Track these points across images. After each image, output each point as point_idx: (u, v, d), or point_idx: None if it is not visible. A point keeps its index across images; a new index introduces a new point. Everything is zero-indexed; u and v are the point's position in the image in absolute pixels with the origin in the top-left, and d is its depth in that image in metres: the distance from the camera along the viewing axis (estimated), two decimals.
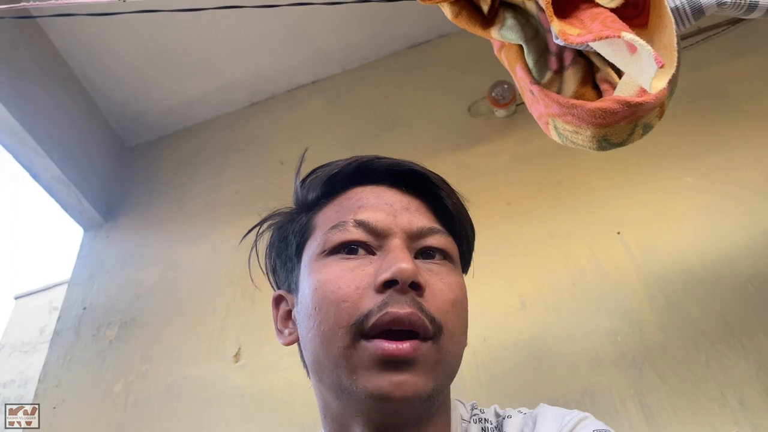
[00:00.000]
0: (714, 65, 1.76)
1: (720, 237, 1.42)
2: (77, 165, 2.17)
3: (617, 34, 0.67)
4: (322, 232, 0.65)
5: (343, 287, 0.58)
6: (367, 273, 0.59)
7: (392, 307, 0.55)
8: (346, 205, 0.66)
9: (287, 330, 0.70)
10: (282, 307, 0.72)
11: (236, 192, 2.14)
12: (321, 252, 0.63)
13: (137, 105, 2.42)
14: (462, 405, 0.69)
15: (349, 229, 0.62)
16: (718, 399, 1.21)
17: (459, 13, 0.98)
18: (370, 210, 0.64)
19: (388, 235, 0.62)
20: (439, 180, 0.70)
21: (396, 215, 0.64)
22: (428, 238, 0.64)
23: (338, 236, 0.62)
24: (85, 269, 2.15)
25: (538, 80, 0.93)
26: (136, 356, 1.80)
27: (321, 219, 0.68)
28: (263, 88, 2.41)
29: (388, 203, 0.65)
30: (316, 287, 0.60)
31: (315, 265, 0.63)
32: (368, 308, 0.56)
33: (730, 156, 1.55)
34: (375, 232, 0.62)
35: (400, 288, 0.56)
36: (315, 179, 0.72)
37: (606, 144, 0.88)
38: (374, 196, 0.67)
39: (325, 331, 0.58)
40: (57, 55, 2.24)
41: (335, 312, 0.57)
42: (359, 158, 0.70)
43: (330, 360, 0.57)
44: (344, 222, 0.63)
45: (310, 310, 0.60)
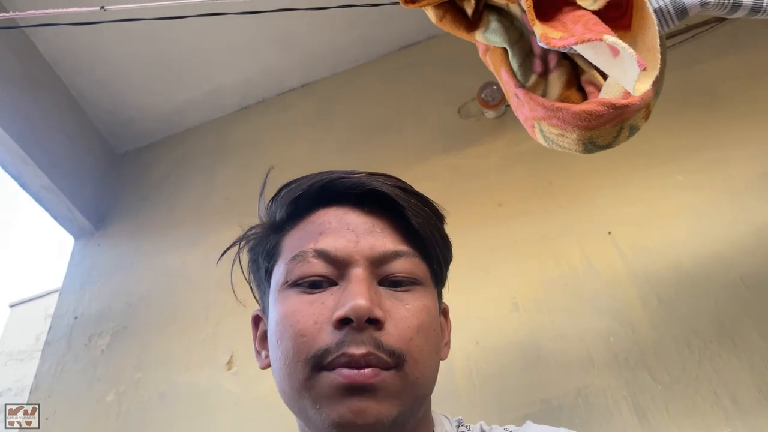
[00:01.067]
0: (702, 63, 1.76)
1: (711, 235, 1.42)
2: (66, 173, 2.16)
3: (599, 38, 0.67)
4: (285, 260, 0.64)
5: (302, 321, 0.58)
6: (327, 306, 0.58)
7: (348, 347, 0.55)
8: (308, 230, 0.65)
9: (264, 352, 0.69)
10: (260, 326, 0.72)
11: (227, 198, 2.13)
12: (284, 282, 0.62)
13: (126, 111, 2.41)
14: (447, 420, 0.69)
15: (309, 260, 0.61)
16: (711, 399, 1.20)
17: (443, 17, 0.98)
18: (330, 236, 0.63)
19: (349, 263, 0.61)
20: (404, 198, 0.66)
21: (358, 240, 0.62)
22: (393, 263, 0.62)
23: (299, 269, 0.61)
24: (76, 278, 2.13)
25: (522, 83, 0.93)
26: (129, 365, 1.79)
27: (286, 244, 0.67)
28: (253, 93, 2.40)
29: (351, 227, 0.64)
30: (278, 320, 0.60)
31: (279, 296, 0.62)
32: (326, 344, 0.56)
33: (721, 154, 1.54)
34: (335, 261, 0.61)
35: (356, 326, 0.55)
36: (280, 200, 0.70)
37: (592, 147, 0.88)
38: (336, 219, 0.65)
39: (287, 363, 0.58)
40: (44, 63, 2.22)
41: (294, 346, 0.57)
42: (323, 178, 0.68)
43: (294, 391, 0.57)
44: (304, 252, 0.62)
45: (274, 342, 0.60)
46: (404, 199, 0.66)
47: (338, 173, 0.68)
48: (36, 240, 4.96)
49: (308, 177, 0.69)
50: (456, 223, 0.78)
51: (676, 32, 1.82)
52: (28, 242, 5.53)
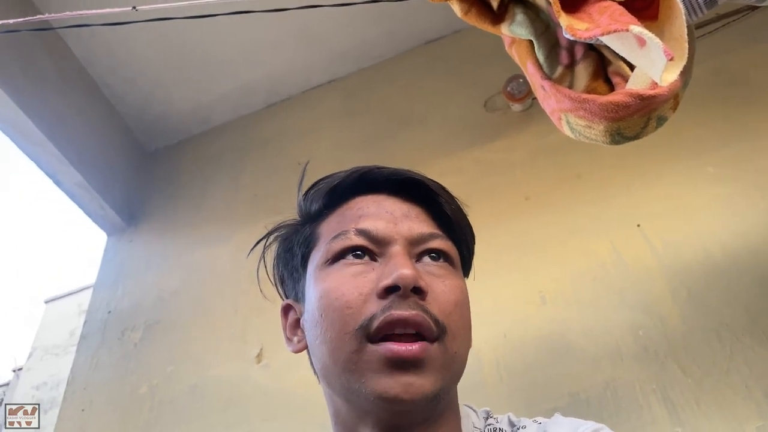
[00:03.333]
0: (734, 52, 1.73)
1: (742, 228, 1.40)
2: (99, 171, 2.21)
3: (626, 28, 0.66)
4: (325, 241, 0.66)
5: (347, 294, 0.59)
6: (370, 279, 0.60)
7: (396, 310, 0.56)
8: (347, 215, 0.67)
9: (296, 338, 0.71)
10: (290, 316, 0.74)
11: (255, 194, 2.15)
12: (325, 261, 0.64)
13: (156, 109, 2.45)
14: (474, 412, 0.69)
15: (350, 237, 0.63)
16: (743, 392, 1.19)
17: (468, 10, 0.98)
18: (370, 219, 0.65)
19: (389, 242, 0.63)
20: (438, 187, 0.71)
21: (396, 223, 0.65)
22: (429, 242, 0.65)
23: (341, 244, 0.63)
24: (109, 274, 2.18)
25: (549, 75, 0.93)
26: (161, 358, 1.83)
27: (324, 229, 0.69)
28: (279, 90, 2.42)
29: (389, 211, 0.66)
30: (321, 295, 0.62)
31: (320, 274, 0.64)
32: (372, 312, 0.57)
33: (753, 145, 1.52)
34: (376, 239, 0.63)
35: (402, 293, 0.57)
36: (317, 191, 0.73)
37: (619, 138, 0.87)
38: (375, 205, 0.68)
39: (332, 337, 0.59)
40: (77, 63, 2.27)
41: (340, 318, 0.59)
42: (359, 169, 0.71)
43: (338, 365, 0.58)
44: (346, 231, 0.64)
45: (316, 318, 0.61)
46: (438, 187, 0.70)
47: (372, 165, 0.71)
48: (69, 237, 5.07)
49: (341, 172, 0.72)
50: (483, 218, 0.79)
51: (707, 21, 1.79)
52: (61, 240, 5.66)
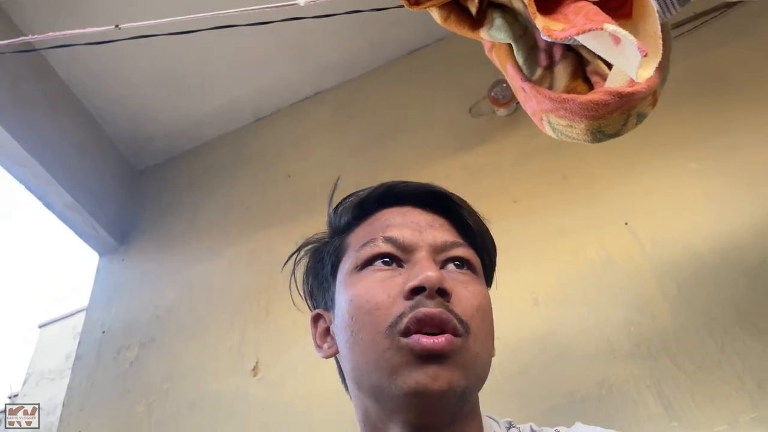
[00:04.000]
0: (714, 50, 1.75)
1: (728, 222, 1.41)
2: (89, 191, 2.21)
3: (600, 27, 0.68)
4: (354, 249, 0.70)
5: (376, 296, 0.63)
6: (397, 283, 0.64)
7: (423, 308, 0.60)
8: (375, 225, 0.72)
9: (326, 344, 0.74)
10: (320, 324, 0.77)
11: (247, 207, 2.16)
12: (354, 267, 0.68)
13: (145, 128, 2.46)
14: (496, 422, 0.71)
15: (378, 244, 0.67)
16: (736, 384, 1.20)
17: (448, 17, 1.00)
18: (397, 228, 0.69)
19: (415, 249, 0.67)
20: (460, 199, 0.76)
21: (421, 231, 0.69)
22: (452, 250, 0.69)
23: (369, 251, 0.68)
24: (102, 294, 2.18)
25: (529, 77, 0.94)
26: (157, 376, 1.83)
27: (353, 239, 0.73)
28: (267, 103, 2.43)
29: (414, 221, 0.70)
30: (351, 299, 0.65)
31: (349, 280, 0.68)
32: (401, 311, 0.61)
33: (735, 140, 1.54)
34: (402, 246, 0.67)
35: (428, 294, 0.61)
36: (346, 205, 0.78)
37: (600, 136, 0.89)
38: (401, 216, 0.72)
39: (364, 338, 0.62)
40: (63, 85, 2.28)
41: (371, 320, 0.62)
42: (386, 183, 0.76)
43: (370, 364, 0.61)
44: (374, 239, 0.68)
45: (347, 321, 0.65)
46: (459, 200, 0.75)
47: (398, 180, 0.77)
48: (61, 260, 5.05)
49: (369, 187, 0.77)
50: None
51: (684, 20, 1.81)
52: (53, 263, 5.62)
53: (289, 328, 1.75)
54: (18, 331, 6.13)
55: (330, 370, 1.57)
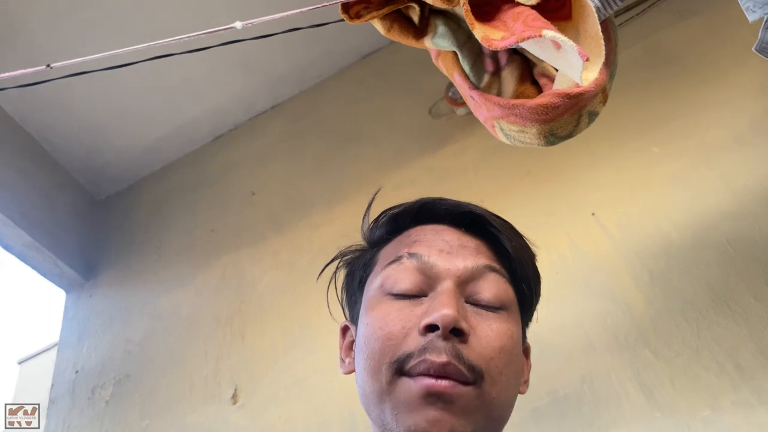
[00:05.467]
0: (662, 31, 1.75)
1: (694, 203, 1.41)
2: (48, 228, 2.15)
3: (538, 33, 0.66)
4: (381, 267, 0.68)
5: (390, 325, 0.61)
6: (415, 314, 0.61)
7: (430, 354, 0.56)
8: (404, 241, 0.69)
9: (348, 359, 0.73)
10: (346, 337, 0.75)
11: (212, 230, 2.11)
12: (378, 288, 0.66)
13: (101, 157, 2.40)
14: None
15: (403, 263, 0.65)
16: (715, 368, 1.20)
17: (390, 28, 0.98)
18: (425, 245, 0.66)
19: (440, 277, 0.63)
20: (500, 222, 0.72)
21: (451, 253, 0.65)
22: (482, 280, 0.64)
23: (393, 276, 0.65)
24: (72, 332, 2.12)
25: (476, 84, 0.92)
26: (135, 413, 1.78)
27: (382, 254, 0.71)
28: (224, 121, 2.39)
29: (446, 240, 0.67)
30: (368, 323, 0.63)
31: (371, 302, 0.66)
32: (410, 349, 0.58)
33: (693, 120, 1.54)
34: (427, 269, 0.64)
35: (441, 334, 0.57)
36: (381, 220, 0.76)
37: (553, 138, 0.88)
38: (433, 233, 0.69)
39: (371, 366, 0.60)
40: (12, 122, 2.20)
41: (380, 348, 0.60)
42: (423, 200, 0.74)
43: (375, 395, 0.60)
44: (400, 256, 0.66)
45: (361, 345, 0.63)
46: (499, 223, 0.71)
47: (437, 197, 0.74)
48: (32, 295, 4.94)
49: (407, 202, 0.75)
50: None
51: (634, 4, 1.81)
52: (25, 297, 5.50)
53: (267, 351, 1.72)
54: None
55: (313, 392, 1.55)
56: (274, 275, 1.86)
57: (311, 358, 1.62)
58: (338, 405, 1.48)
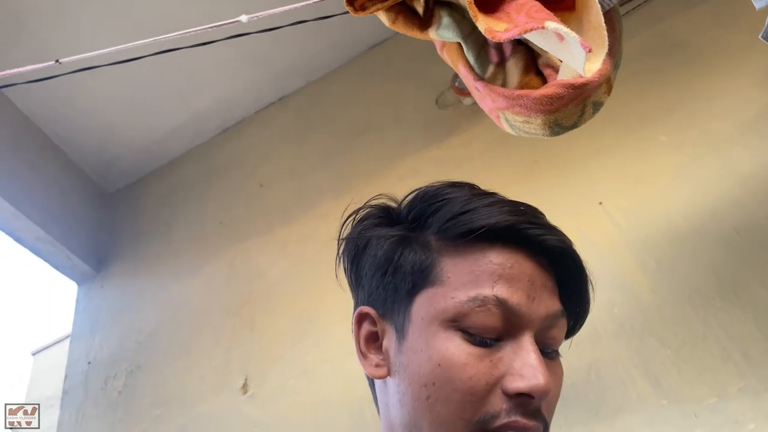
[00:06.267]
0: (671, 18, 1.75)
1: (700, 191, 1.41)
2: (60, 222, 2.17)
3: (541, 25, 0.67)
4: (455, 297, 0.58)
5: (474, 379, 0.55)
6: (497, 368, 0.56)
7: (521, 416, 0.54)
8: (483, 267, 0.59)
9: (375, 359, 0.64)
10: (366, 327, 0.65)
11: (220, 222, 2.13)
12: (449, 319, 0.58)
13: (111, 151, 2.41)
14: None
15: (489, 308, 0.56)
16: (721, 355, 1.20)
17: (395, 19, 0.98)
18: (510, 285, 0.58)
19: (523, 325, 0.57)
20: (581, 261, 0.64)
21: (535, 297, 0.58)
22: (554, 327, 0.59)
23: (476, 318, 0.57)
24: (84, 324, 2.14)
25: (481, 75, 0.93)
26: (147, 402, 1.80)
27: (451, 271, 0.60)
28: (231, 114, 2.40)
29: (530, 279, 0.59)
30: (439, 363, 0.57)
31: (437, 331, 0.58)
32: (496, 410, 0.54)
33: (700, 108, 1.54)
34: (512, 315, 0.57)
35: (535, 403, 0.54)
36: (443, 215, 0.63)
37: (558, 129, 0.88)
38: (517, 265, 0.59)
39: (443, 414, 0.56)
40: (24, 118, 2.23)
41: (460, 402, 0.55)
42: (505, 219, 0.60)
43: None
44: (485, 298, 0.57)
45: (425, 380, 0.57)
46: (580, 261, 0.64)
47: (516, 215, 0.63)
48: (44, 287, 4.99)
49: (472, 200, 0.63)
50: None
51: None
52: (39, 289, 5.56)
53: (276, 341, 1.73)
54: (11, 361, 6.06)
55: (323, 381, 1.57)
56: (283, 265, 1.87)
57: (320, 348, 1.63)
58: (347, 394, 1.50)
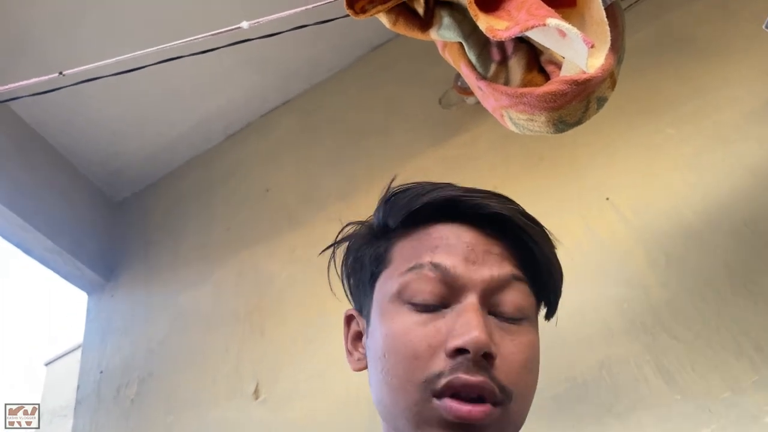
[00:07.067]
0: (674, 11, 1.73)
1: (709, 184, 1.40)
2: (68, 232, 2.18)
3: (542, 22, 0.66)
4: (398, 271, 0.62)
5: (416, 343, 0.57)
6: (440, 331, 0.57)
7: (463, 373, 0.55)
8: (424, 242, 0.63)
9: (357, 354, 0.68)
10: (352, 326, 0.71)
11: (228, 228, 2.13)
12: (396, 295, 0.61)
13: (117, 160, 2.42)
14: None
15: (425, 274, 0.60)
16: (735, 349, 1.19)
17: (396, 21, 0.98)
18: (448, 252, 0.61)
19: (464, 288, 0.59)
20: (525, 223, 0.64)
21: (475, 262, 0.60)
22: (507, 292, 0.60)
23: (414, 285, 0.60)
24: (95, 333, 2.15)
25: (483, 74, 0.92)
26: (159, 410, 1.81)
27: (398, 252, 0.64)
28: (236, 118, 2.40)
29: (470, 246, 0.61)
30: (387, 334, 0.60)
31: (387, 308, 0.61)
32: (439, 369, 0.55)
33: (707, 100, 1.52)
34: (451, 279, 0.59)
35: (472, 359, 0.55)
36: (396, 207, 0.66)
37: (562, 126, 0.88)
38: (455, 236, 0.62)
39: (395, 383, 0.58)
40: (30, 129, 2.23)
41: (406, 367, 0.57)
42: (444, 195, 0.64)
43: (396, 409, 0.58)
44: (421, 265, 0.60)
45: (379, 354, 0.60)
46: (525, 224, 0.64)
47: (457, 190, 0.65)
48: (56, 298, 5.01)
49: (424, 188, 0.66)
50: None
51: None
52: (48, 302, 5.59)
53: (286, 346, 1.73)
54: (24, 372, 6.09)
55: (335, 383, 1.57)
56: (291, 270, 1.87)
57: (330, 352, 1.63)
58: (358, 397, 1.50)
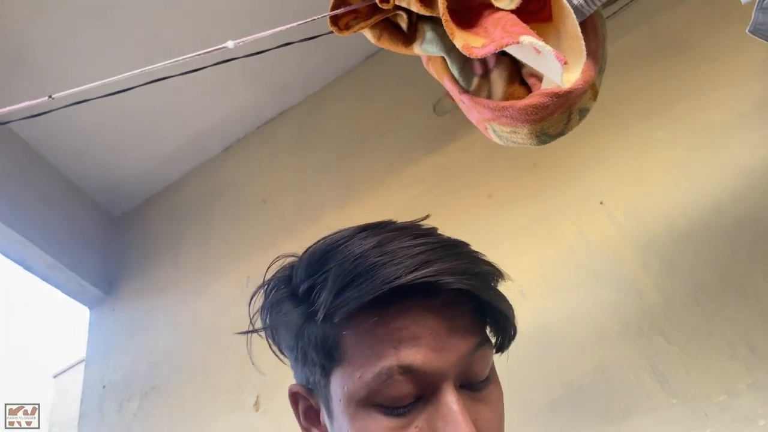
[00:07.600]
0: (663, 13, 1.74)
1: (700, 186, 1.41)
2: (68, 248, 2.19)
3: (516, 40, 0.67)
4: (359, 373, 0.55)
5: None
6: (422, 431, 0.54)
7: None
8: (381, 336, 0.55)
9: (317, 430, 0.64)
10: (301, 403, 0.65)
11: (225, 240, 2.14)
12: (362, 399, 0.55)
13: (115, 175, 2.44)
14: None
15: (395, 378, 0.54)
16: (728, 351, 1.20)
17: (380, 36, 0.99)
18: (412, 346, 0.55)
19: (437, 380, 0.55)
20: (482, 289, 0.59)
21: (443, 348, 0.55)
22: (474, 362, 0.57)
23: (384, 391, 0.55)
24: (98, 347, 2.16)
25: (466, 88, 0.93)
26: (162, 424, 1.82)
27: (351, 347, 0.57)
28: (232, 131, 2.41)
29: (432, 332, 0.56)
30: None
31: (357, 412, 0.56)
32: None
33: (695, 102, 1.53)
34: (422, 375, 0.54)
35: None
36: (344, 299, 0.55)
37: (545, 137, 0.88)
38: (414, 323, 0.56)
39: None
40: (27, 147, 2.25)
41: None
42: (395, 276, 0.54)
43: None
44: (389, 369, 0.54)
45: None
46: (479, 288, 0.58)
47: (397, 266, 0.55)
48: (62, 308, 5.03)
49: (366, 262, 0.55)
50: (449, 222, 0.75)
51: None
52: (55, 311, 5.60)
53: None
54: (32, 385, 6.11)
55: None
56: None
57: None
58: None
